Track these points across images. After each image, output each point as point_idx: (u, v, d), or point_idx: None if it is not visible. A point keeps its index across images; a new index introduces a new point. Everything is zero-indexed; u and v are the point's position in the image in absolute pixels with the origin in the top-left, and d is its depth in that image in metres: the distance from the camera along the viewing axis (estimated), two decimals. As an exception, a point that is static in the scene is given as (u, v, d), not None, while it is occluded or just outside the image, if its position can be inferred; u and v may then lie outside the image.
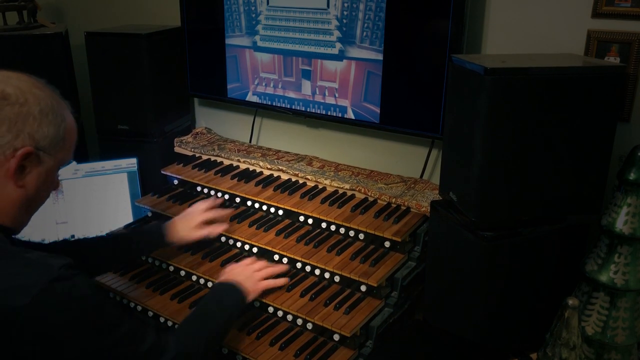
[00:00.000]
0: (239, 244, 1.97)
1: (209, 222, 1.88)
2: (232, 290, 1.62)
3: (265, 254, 1.90)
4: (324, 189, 2.06)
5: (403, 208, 1.89)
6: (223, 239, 1.99)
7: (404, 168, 2.14)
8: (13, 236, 1.21)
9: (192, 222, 1.86)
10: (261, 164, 2.22)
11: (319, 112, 2.20)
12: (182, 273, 1.94)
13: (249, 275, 1.69)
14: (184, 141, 2.49)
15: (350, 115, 2.12)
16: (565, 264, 1.53)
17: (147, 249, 1.90)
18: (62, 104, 1.20)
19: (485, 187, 1.39)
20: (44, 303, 1.01)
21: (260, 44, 2.27)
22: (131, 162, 2.40)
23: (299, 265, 1.82)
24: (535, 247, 1.47)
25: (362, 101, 2.07)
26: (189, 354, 1.34)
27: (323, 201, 1.95)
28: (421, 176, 2.08)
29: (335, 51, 2.08)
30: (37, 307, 1.00)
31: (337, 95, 2.13)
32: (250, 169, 2.25)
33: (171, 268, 1.97)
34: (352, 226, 1.83)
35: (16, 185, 1.12)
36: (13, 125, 1.09)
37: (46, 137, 1.14)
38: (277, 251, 1.84)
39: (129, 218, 2.37)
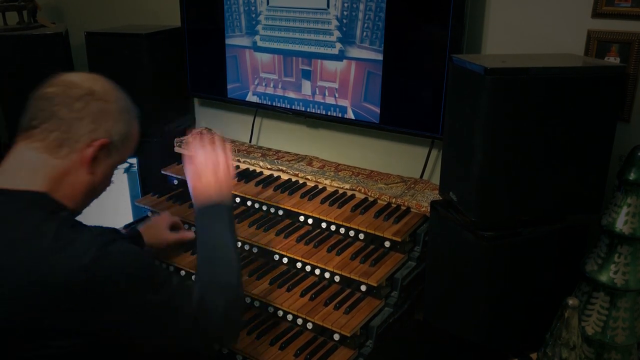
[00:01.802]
0: (239, 244, 1.97)
1: (174, 228, 1.92)
2: (217, 214, 1.43)
3: (265, 254, 1.90)
4: (324, 189, 2.06)
5: (403, 208, 1.89)
6: (223, 239, 1.99)
7: (404, 168, 2.14)
8: None
9: (160, 226, 1.89)
10: (261, 164, 2.22)
11: (319, 112, 2.20)
12: (182, 273, 1.94)
13: (213, 169, 1.45)
14: (184, 141, 2.49)
15: (350, 115, 2.12)
16: (565, 264, 1.53)
17: None
18: (133, 107, 1.35)
19: (485, 187, 1.39)
20: (101, 262, 1.09)
21: (260, 44, 2.27)
22: (131, 162, 2.39)
23: (299, 265, 1.82)
24: (535, 247, 1.47)
25: (362, 101, 2.07)
26: (217, 291, 1.30)
27: (323, 201, 1.95)
28: (421, 176, 2.08)
29: (335, 51, 2.08)
30: (94, 266, 1.08)
31: (337, 95, 2.13)
32: (250, 169, 2.25)
33: (171, 268, 1.97)
34: (352, 226, 1.83)
35: (88, 171, 1.23)
36: (96, 119, 1.22)
37: (119, 133, 1.27)
38: (277, 251, 1.84)
39: (129, 218, 2.37)
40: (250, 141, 2.56)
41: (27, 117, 1.22)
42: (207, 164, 1.46)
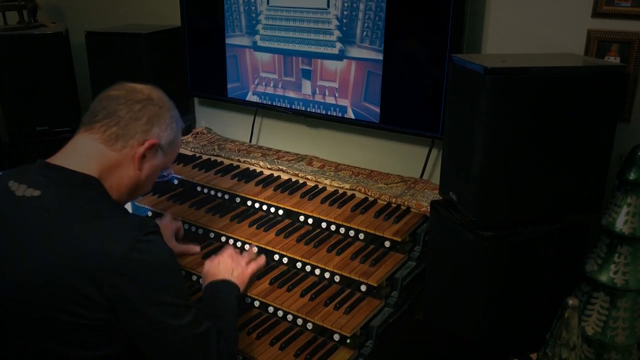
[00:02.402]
0: (239, 244, 1.97)
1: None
2: (225, 285, 1.59)
3: (265, 254, 1.90)
4: (324, 188, 2.06)
5: (403, 208, 1.89)
6: (223, 238, 1.99)
7: (404, 168, 2.14)
8: None
9: (165, 235, 1.86)
10: (261, 163, 2.22)
11: (319, 112, 2.20)
12: (182, 273, 1.94)
13: (233, 267, 1.65)
14: (184, 141, 2.49)
15: (350, 115, 2.12)
16: (565, 264, 1.53)
17: None
18: (182, 121, 1.49)
19: (485, 187, 1.39)
20: (138, 249, 1.18)
21: (260, 43, 2.27)
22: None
23: (299, 265, 1.82)
24: (535, 247, 1.47)
25: (362, 101, 2.07)
26: (230, 351, 1.39)
27: (323, 201, 1.95)
28: (421, 176, 2.08)
29: (335, 51, 2.08)
30: (131, 253, 1.17)
31: (337, 95, 2.13)
32: (250, 169, 2.25)
33: (171, 268, 1.97)
34: (352, 226, 1.83)
35: (136, 167, 1.36)
36: (150, 121, 1.36)
37: (167, 138, 1.40)
38: (277, 251, 1.84)
39: (129, 218, 2.36)
40: (250, 141, 2.56)
41: (90, 113, 1.35)
42: (227, 264, 1.67)
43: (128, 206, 2.36)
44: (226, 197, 2.14)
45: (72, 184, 1.25)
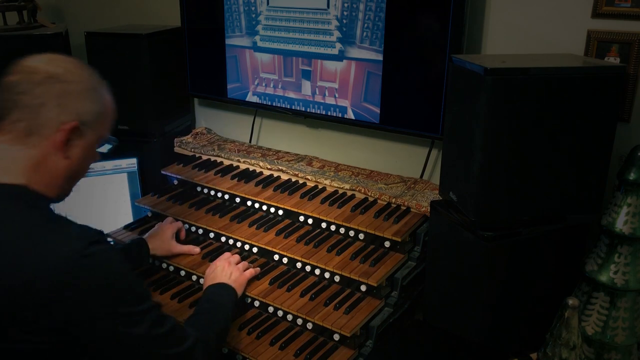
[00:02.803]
0: (239, 244, 1.97)
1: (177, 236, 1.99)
2: (223, 288, 1.65)
3: (265, 254, 1.90)
4: (324, 189, 2.06)
5: (403, 208, 1.89)
6: (223, 239, 1.99)
7: (404, 168, 2.14)
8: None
9: (166, 236, 1.94)
10: (261, 164, 2.22)
11: (318, 112, 2.20)
12: (182, 273, 1.94)
13: (230, 271, 1.73)
14: (184, 141, 2.49)
15: (350, 115, 2.12)
16: (565, 264, 1.53)
17: (131, 265, 1.92)
18: (102, 82, 1.30)
19: (485, 187, 1.39)
20: (84, 262, 1.08)
21: (260, 44, 2.27)
22: (131, 162, 2.39)
23: (299, 265, 1.82)
24: (535, 247, 1.47)
25: (362, 101, 2.07)
26: (206, 342, 1.37)
27: (323, 201, 1.95)
28: (421, 176, 2.08)
29: (335, 51, 2.08)
30: (77, 266, 1.08)
31: (337, 95, 2.13)
32: (250, 169, 2.25)
33: (171, 268, 1.97)
34: (352, 226, 1.83)
35: (62, 156, 1.21)
36: (61, 102, 1.19)
37: (89, 112, 1.23)
38: (277, 251, 1.84)
39: (129, 218, 2.37)
40: (250, 141, 2.56)
41: None
42: (225, 269, 1.71)
43: (128, 206, 2.38)
44: (226, 197, 2.14)
45: None
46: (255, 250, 1.93)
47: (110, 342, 1.16)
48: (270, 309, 1.76)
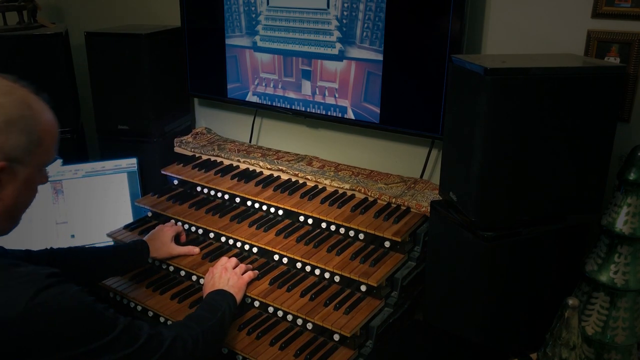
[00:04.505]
0: (239, 244, 1.97)
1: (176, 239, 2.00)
2: (220, 294, 1.65)
3: (265, 254, 1.90)
4: (324, 189, 2.06)
5: (403, 208, 1.89)
6: (223, 239, 1.99)
7: (404, 168, 2.14)
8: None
9: (165, 239, 1.94)
10: (261, 164, 2.22)
11: (319, 112, 2.20)
12: (182, 273, 1.94)
13: (228, 277, 1.72)
14: (184, 141, 2.49)
15: (350, 115, 2.12)
16: (565, 264, 1.53)
17: (130, 267, 1.94)
18: (35, 105, 1.12)
19: (485, 187, 1.39)
20: (34, 313, 1.02)
21: (260, 44, 2.27)
22: (131, 162, 2.40)
23: (299, 265, 1.82)
24: (535, 247, 1.47)
25: (362, 101, 2.07)
26: (186, 339, 1.36)
27: (323, 201, 1.95)
28: (421, 176, 2.08)
29: (335, 51, 2.08)
30: (26, 317, 1.01)
31: (337, 95, 2.13)
32: (250, 169, 2.25)
33: (171, 268, 1.97)
34: (352, 226, 1.83)
35: None
36: None
37: (17, 147, 1.07)
38: (277, 251, 1.84)
39: (129, 218, 2.37)
40: (250, 141, 2.56)
41: None
42: (223, 275, 1.72)
43: (128, 206, 2.38)
44: (226, 197, 2.14)
45: None
46: (255, 250, 1.93)
47: None
48: (270, 309, 1.76)
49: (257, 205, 2.06)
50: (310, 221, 1.94)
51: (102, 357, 1.14)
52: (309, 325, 1.68)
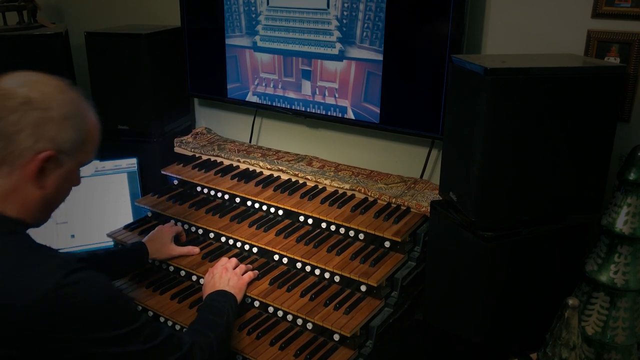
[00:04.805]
0: (239, 244, 1.97)
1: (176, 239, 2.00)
2: (222, 295, 1.65)
3: (265, 254, 1.90)
4: (324, 189, 2.06)
5: (403, 208, 1.89)
6: (223, 239, 1.99)
7: (404, 168, 2.14)
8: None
9: (165, 239, 1.94)
10: (261, 164, 2.22)
11: (319, 112, 2.20)
12: (182, 273, 1.94)
13: (228, 277, 1.72)
14: (184, 141, 2.49)
15: (350, 115, 2.12)
16: (565, 264, 1.53)
17: (129, 269, 1.94)
18: (85, 106, 1.22)
19: (485, 187, 1.39)
20: (63, 292, 1.05)
21: (260, 44, 2.27)
22: (131, 162, 2.39)
23: (299, 265, 1.82)
24: (535, 247, 1.47)
25: (362, 101, 2.07)
26: (204, 346, 1.37)
27: (323, 201, 1.95)
28: (421, 176, 2.08)
29: (335, 51, 2.08)
30: (55, 295, 1.04)
31: (337, 95, 2.13)
32: (250, 169, 2.25)
33: (171, 268, 1.97)
34: (352, 226, 1.83)
35: (36, 186, 1.15)
36: (35, 130, 1.12)
37: (67, 140, 1.16)
38: (277, 251, 1.84)
39: (129, 218, 2.37)
40: (250, 141, 2.56)
41: None
42: (223, 276, 1.71)
43: (128, 206, 2.38)
44: (226, 197, 2.14)
45: None
46: (255, 250, 1.93)
47: None
48: (270, 309, 1.76)
49: (257, 206, 2.06)
50: (310, 221, 1.94)
51: (121, 346, 1.14)
52: (309, 325, 1.68)
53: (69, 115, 1.16)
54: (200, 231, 2.05)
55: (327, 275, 1.79)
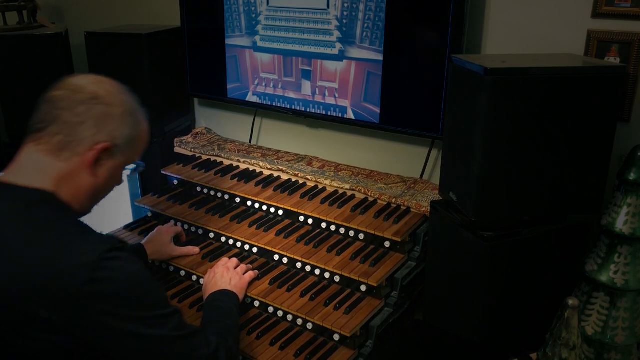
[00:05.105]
0: (239, 244, 1.97)
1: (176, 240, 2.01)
2: (225, 294, 1.64)
3: (265, 254, 1.90)
4: (324, 189, 2.06)
5: (403, 208, 1.89)
6: (223, 239, 1.99)
7: (404, 168, 2.14)
8: None
9: (164, 240, 1.94)
10: (261, 164, 2.22)
11: (319, 112, 2.20)
12: (182, 273, 1.94)
13: (230, 277, 1.72)
14: (184, 141, 2.49)
15: (350, 115, 2.12)
16: (565, 264, 1.53)
17: None
18: (140, 110, 1.35)
19: (485, 187, 1.39)
20: (104, 265, 1.11)
21: (260, 44, 2.27)
22: (138, 163, 2.39)
23: (299, 265, 1.82)
24: (535, 247, 1.47)
25: (362, 101, 2.07)
26: (227, 347, 1.36)
27: (323, 201, 1.95)
28: (421, 176, 2.08)
29: (335, 51, 2.08)
30: (98, 266, 1.10)
31: (337, 95, 2.13)
32: (250, 169, 2.25)
33: (171, 268, 1.97)
34: (352, 226, 1.83)
35: (91, 173, 1.25)
36: (98, 122, 1.23)
37: (123, 136, 1.27)
38: (277, 251, 1.84)
39: (129, 218, 2.37)
40: (250, 141, 2.56)
41: (35, 119, 1.24)
42: (224, 275, 1.71)
43: (128, 206, 2.38)
44: (226, 197, 2.14)
45: (24, 201, 1.17)
46: (255, 250, 1.93)
47: (134, 344, 1.17)
48: (271, 309, 1.76)
49: (257, 206, 2.06)
50: (310, 221, 1.94)
51: (150, 327, 1.17)
52: (309, 325, 1.68)
53: (128, 114, 1.29)
54: (200, 231, 2.05)
55: (327, 275, 1.79)
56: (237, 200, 2.11)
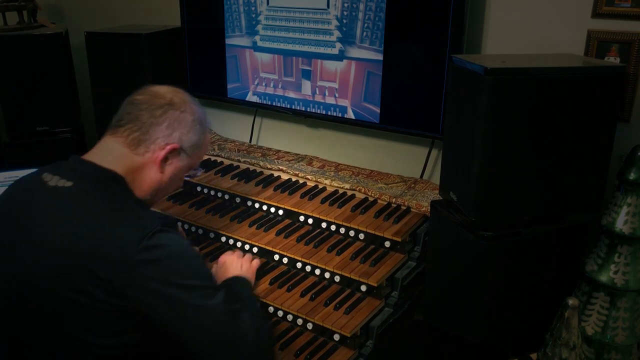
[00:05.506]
0: (239, 244, 1.97)
1: None
2: (239, 279, 1.62)
3: (265, 254, 1.90)
4: (324, 189, 2.06)
5: (403, 208, 1.89)
6: (223, 239, 1.99)
7: (404, 168, 2.14)
8: None
9: None
10: (261, 164, 2.22)
11: (319, 112, 2.20)
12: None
13: (241, 263, 1.72)
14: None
15: (350, 115, 2.12)
16: (565, 264, 1.53)
17: None
18: (208, 121, 1.55)
19: (485, 187, 1.39)
20: (159, 236, 1.23)
21: (260, 44, 2.27)
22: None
23: (299, 265, 1.82)
24: (535, 247, 1.47)
25: (362, 101, 2.07)
26: (252, 313, 1.36)
27: (323, 201, 1.95)
28: (421, 176, 2.08)
29: (335, 51, 2.08)
30: (153, 236, 1.22)
31: (337, 95, 2.13)
32: (251, 169, 2.25)
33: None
34: (352, 226, 1.83)
35: (159, 170, 1.41)
36: (171, 125, 1.41)
37: (190, 141, 1.44)
38: (277, 251, 1.84)
39: (129, 218, 2.37)
40: (250, 141, 2.56)
41: (117, 117, 1.42)
42: (234, 262, 1.72)
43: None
44: (226, 197, 2.14)
45: (101, 178, 1.33)
46: (255, 250, 1.93)
47: (181, 312, 1.24)
48: (271, 309, 1.76)
49: (257, 205, 2.06)
50: (310, 221, 1.94)
51: (198, 297, 1.24)
52: (309, 325, 1.68)
53: (197, 122, 1.47)
54: (200, 231, 2.05)
55: (327, 275, 1.79)
56: (237, 200, 2.11)
